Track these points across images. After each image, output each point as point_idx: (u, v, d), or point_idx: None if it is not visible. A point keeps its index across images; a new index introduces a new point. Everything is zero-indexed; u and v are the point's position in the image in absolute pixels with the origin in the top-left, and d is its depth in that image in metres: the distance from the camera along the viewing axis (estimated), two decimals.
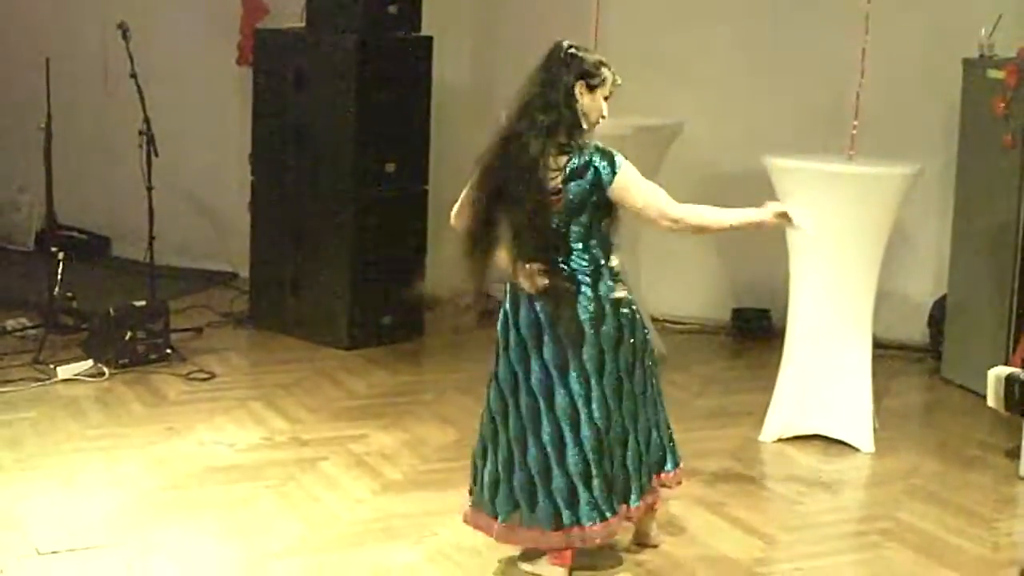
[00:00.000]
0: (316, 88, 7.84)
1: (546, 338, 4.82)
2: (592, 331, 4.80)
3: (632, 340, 4.93)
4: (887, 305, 7.53)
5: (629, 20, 8.28)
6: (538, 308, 4.81)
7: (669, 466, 5.18)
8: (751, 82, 8.34)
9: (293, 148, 7.97)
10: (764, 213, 5.02)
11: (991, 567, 5.22)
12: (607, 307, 4.83)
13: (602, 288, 4.82)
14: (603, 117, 4.90)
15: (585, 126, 4.83)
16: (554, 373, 4.82)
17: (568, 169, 4.75)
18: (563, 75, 4.79)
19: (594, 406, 4.80)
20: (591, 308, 4.80)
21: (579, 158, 4.77)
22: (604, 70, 4.87)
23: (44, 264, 7.82)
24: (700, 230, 4.99)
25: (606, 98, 4.88)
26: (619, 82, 4.91)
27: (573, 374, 4.80)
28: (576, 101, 4.79)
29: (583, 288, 4.80)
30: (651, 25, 8.34)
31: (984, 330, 7.26)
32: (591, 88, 4.82)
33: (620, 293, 4.88)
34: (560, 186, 4.75)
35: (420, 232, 8.11)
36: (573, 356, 4.79)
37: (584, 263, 4.81)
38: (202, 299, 8.73)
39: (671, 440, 5.21)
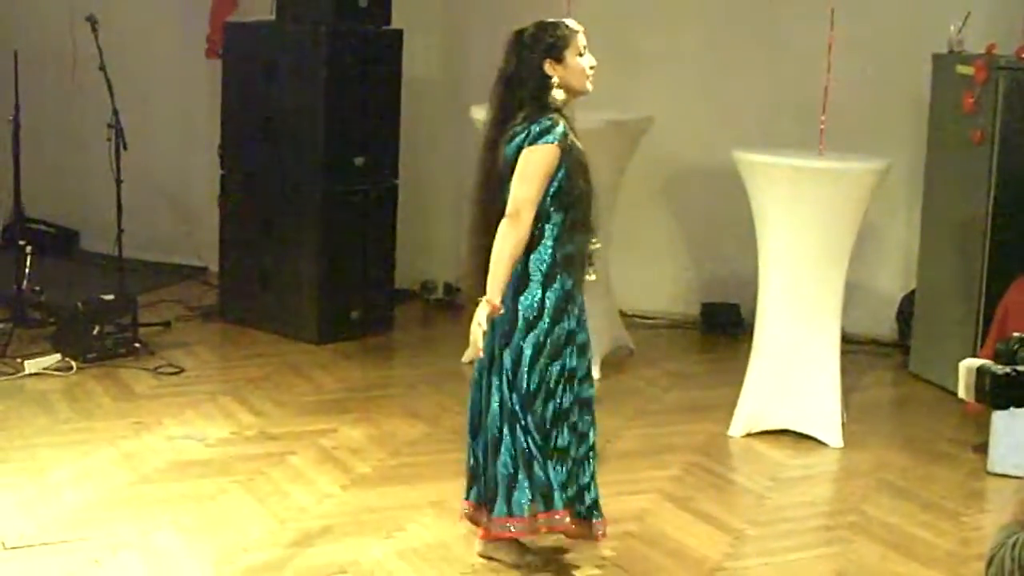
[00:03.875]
0: (285, 81, 7.81)
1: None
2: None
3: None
4: (856, 300, 7.57)
5: (600, 15, 8.22)
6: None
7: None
8: (721, 77, 8.36)
9: (262, 142, 7.94)
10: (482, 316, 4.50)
11: (959, 561, 5.23)
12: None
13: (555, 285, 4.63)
14: (591, 69, 4.66)
15: (561, 97, 4.61)
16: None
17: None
18: (528, 63, 4.60)
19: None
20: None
21: (530, 122, 4.58)
22: (561, 31, 4.64)
23: (12, 258, 7.78)
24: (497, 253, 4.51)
25: (581, 53, 4.65)
26: (580, 27, 4.67)
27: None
28: (550, 79, 4.60)
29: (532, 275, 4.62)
30: (622, 20, 8.34)
31: (952, 325, 7.29)
32: (559, 60, 4.62)
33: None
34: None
35: (389, 226, 8.10)
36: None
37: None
38: (171, 293, 8.71)
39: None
